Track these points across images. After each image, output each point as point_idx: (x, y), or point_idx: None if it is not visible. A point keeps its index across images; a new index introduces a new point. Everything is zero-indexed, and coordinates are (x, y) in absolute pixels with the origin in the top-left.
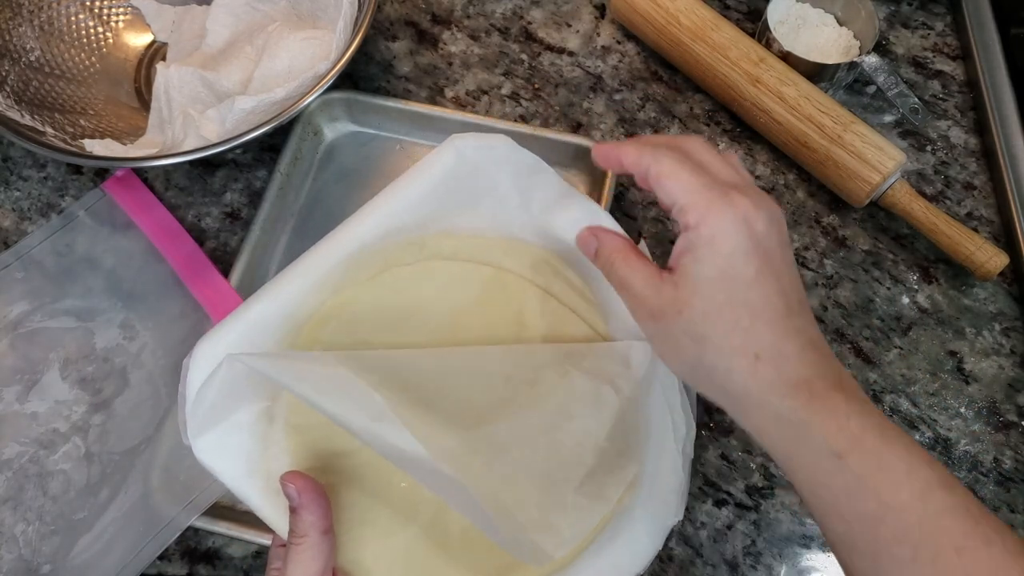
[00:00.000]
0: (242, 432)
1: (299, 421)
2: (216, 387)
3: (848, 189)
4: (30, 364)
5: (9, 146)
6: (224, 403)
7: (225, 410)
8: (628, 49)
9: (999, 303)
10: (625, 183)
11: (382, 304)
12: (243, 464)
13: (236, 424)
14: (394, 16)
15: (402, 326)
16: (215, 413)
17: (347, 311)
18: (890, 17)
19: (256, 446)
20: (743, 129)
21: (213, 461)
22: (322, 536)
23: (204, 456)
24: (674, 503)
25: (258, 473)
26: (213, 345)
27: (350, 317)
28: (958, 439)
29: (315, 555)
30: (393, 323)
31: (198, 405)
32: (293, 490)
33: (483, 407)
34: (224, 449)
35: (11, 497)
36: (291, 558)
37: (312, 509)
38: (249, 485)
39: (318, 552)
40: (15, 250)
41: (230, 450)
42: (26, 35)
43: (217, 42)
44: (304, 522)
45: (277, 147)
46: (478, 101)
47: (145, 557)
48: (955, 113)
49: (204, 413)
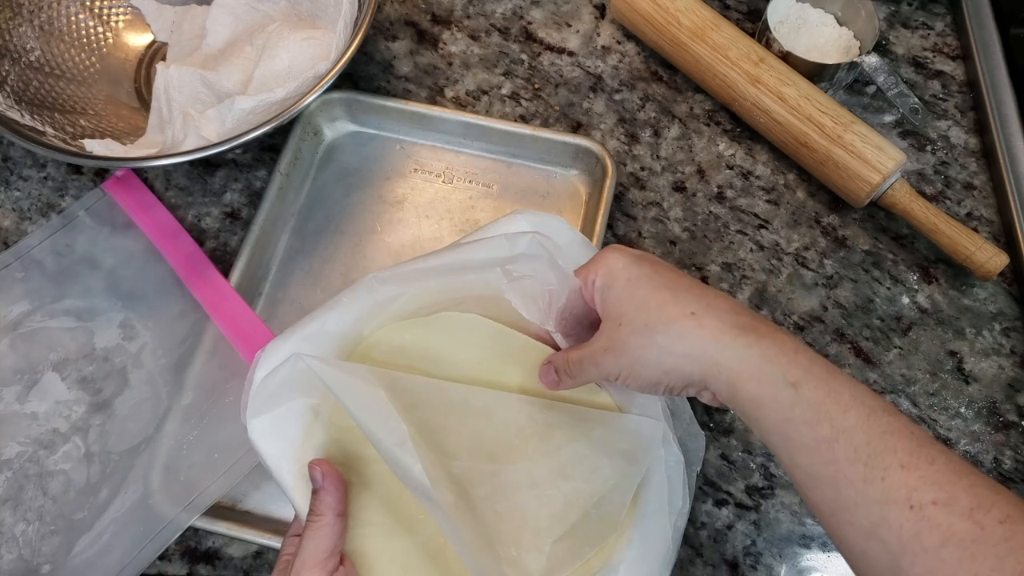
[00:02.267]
0: (290, 421)
1: (339, 422)
2: (278, 379)
3: (848, 189)
4: (30, 364)
5: (9, 146)
6: (281, 393)
7: (280, 399)
8: (628, 49)
9: (999, 303)
10: (625, 183)
11: (429, 340)
12: (285, 449)
13: (286, 413)
14: (394, 16)
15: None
16: (272, 401)
17: (398, 338)
18: (890, 17)
19: (299, 435)
20: (743, 129)
21: (261, 441)
22: (337, 517)
23: (255, 436)
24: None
25: (295, 459)
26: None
27: (399, 344)
28: (958, 439)
29: (328, 533)
30: (435, 358)
31: (260, 392)
32: (318, 473)
33: (494, 447)
34: (272, 433)
35: (11, 497)
36: (307, 534)
37: (331, 491)
38: (286, 468)
39: (332, 531)
40: (15, 250)
41: (277, 434)
42: (26, 35)
43: (217, 42)
44: (323, 502)
45: (277, 147)
46: (478, 101)
47: (145, 557)
48: (955, 113)
49: (263, 399)
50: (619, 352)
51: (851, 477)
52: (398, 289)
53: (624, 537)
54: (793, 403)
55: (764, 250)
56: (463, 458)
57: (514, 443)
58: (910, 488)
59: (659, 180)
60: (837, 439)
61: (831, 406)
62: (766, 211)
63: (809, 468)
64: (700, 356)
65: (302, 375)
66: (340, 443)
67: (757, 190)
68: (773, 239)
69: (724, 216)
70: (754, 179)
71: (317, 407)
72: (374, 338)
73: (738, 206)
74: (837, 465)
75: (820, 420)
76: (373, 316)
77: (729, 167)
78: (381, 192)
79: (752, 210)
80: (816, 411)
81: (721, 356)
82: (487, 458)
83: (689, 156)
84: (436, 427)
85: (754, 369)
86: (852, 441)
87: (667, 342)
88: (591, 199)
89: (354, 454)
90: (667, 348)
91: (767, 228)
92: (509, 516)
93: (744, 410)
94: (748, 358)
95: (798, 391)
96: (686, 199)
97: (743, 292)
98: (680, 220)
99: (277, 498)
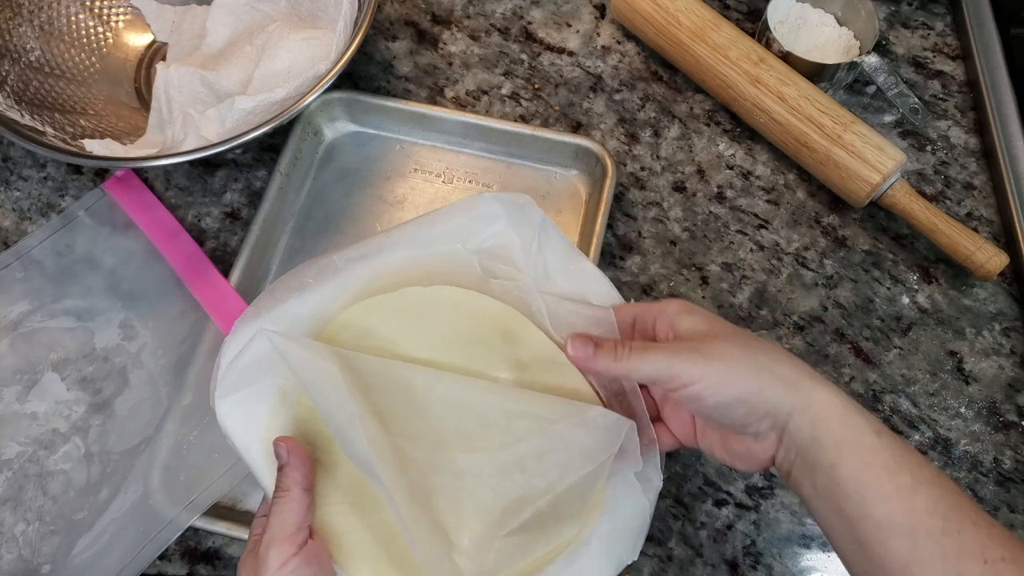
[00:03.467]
0: (259, 402)
1: (307, 402)
2: (245, 360)
3: (848, 189)
4: (30, 364)
5: (9, 146)
6: (248, 375)
7: (248, 381)
8: (628, 49)
9: (999, 303)
10: (625, 183)
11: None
12: (253, 429)
13: (255, 394)
14: (394, 16)
15: (406, 343)
16: (239, 382)
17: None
18: (890, 17)
19: (266, 415)
20: (743, 129)
21: (228, 422)
22: (303, 492)
23: (223, 417)
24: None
25: (262, 439)
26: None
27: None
28: (958, 439)
29: (295, 508)
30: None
31: (227, 374)
32: (283, 449)
33: (453, 434)
34: (240, 413)
35: (11, 497)
36: (274, 510)
37: (296, 466)
38: (254, 449)
39: (298, 505)
40: (15, 250)
41: (244, 415)
42: (26, 35)
43: (217, 42)
44: (289, 477)
45: (277, 147)
46: (478, 101)
47: (145, 557)
48: (955, 113)
49: (230, 381)
50: (708, 357)
51: (931, 529)
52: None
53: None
54: (877, 449)
55: (764, 250)
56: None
57: (474, 431)
58: (982, 544)
59: (659, 180)
60: (917, 489)
61: (911, 456)
62: (766, 211)
63: (886, 518)
64: (797, 384)
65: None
66: (308, 422)
67: (757, 190)
68: (773, 239)
69: (724, 216)
70: (754, 179)
71: (284, 387)
72: (340, 319)
73: (738, 206)
74: (916, 515)
75: (901, 469)
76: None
77: (729, 167)
78: (381, 192)
79: (752, 210)
80: (898, 460)
81: (815, 391)
82: (444, 445)
83: (689, 156)
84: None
85: (842, 411)
86: (931, 493)
87: (768, 362)
88: (591, 199)
89: (323, 433)
90: (767, 366)
91: (767, 228)
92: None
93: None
94: (836, 399)
95: (880, 438)
96: (686, 199)
97: (743, 292)
98: (680, 220)
99: None
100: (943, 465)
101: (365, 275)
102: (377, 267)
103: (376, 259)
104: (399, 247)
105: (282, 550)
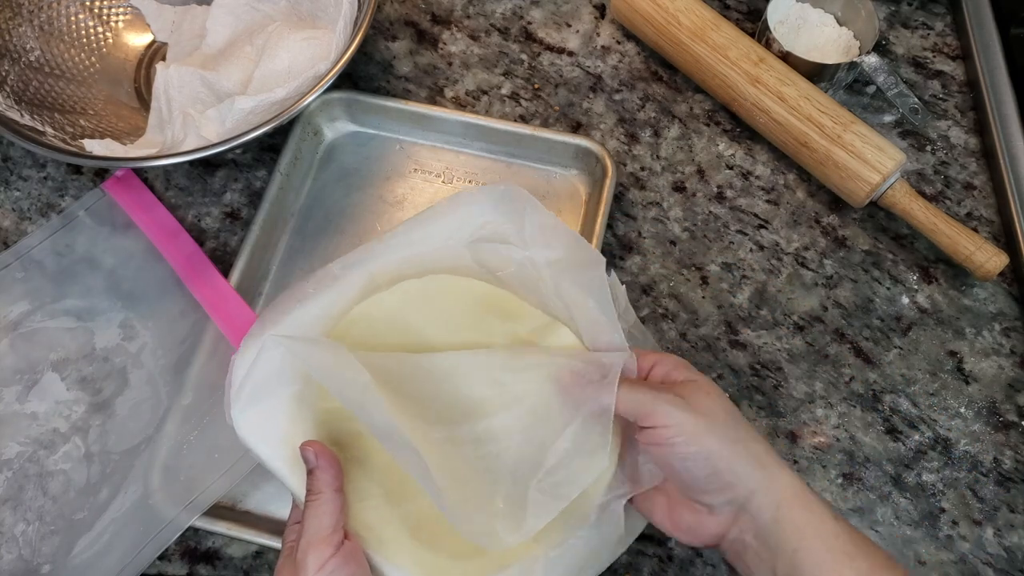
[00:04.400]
0: (277, 411)
1: (324, 405)
2: (258, 374)
3: (848, 189)
4: (30, 364)
5: (9, 146)
6: (263, 387)
7: (263, 393)
8: (628, 49)
9: (999, 303)
10: (625, 183)
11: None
12: (275, 439)
13: (272, 404)
14: (394, 16)
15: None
16: (255, 395)
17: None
18: (890, 17)
19: (286, 424)
20: (743, 129)
21: (250, 436)
22: (335, 493)
23: (243, 432)
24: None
25: (287, 448)
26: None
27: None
28: (958, 439)
29: (329, 509)
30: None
31: (241, 389)
32: (311, 453)
33: (469, 405)
34: (260, 426)
35: (11, 497)
36: (308, 514)
37: (326, 468)
38: (280, 458)
39: (332, 506)
40: (15, 250)
41: (264, 427)
42: (26, 35)
43: (217, 42)
44: (319, 480)
45: (277, 147)
46: (478, 101)
47: (145, 557)
48: (955, 113)
49: (246, 395)
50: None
51: None
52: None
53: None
54: (837, 534)
55: (764, 250)
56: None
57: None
58: None
59: (659, 180)
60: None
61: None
62: (766, 211)
63: None
64: (765, 464)
65: (280, 365)
66: (328, 424)
67: (757, 190)
68: (773, 239)
69: (724, 216)
70: (754, 179)
71: (300, 393)
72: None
73: (738, 206)
74: None
75: (859, 554)
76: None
77: (729, 167)
78: (381, 192)
79: (752, 210)
80: (856, 545)
81: (780, 474)
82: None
83: (689, 156)
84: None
85: (803, 496)
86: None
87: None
88: (591, 199)
89: (344, 432)
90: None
91: (767, 228)
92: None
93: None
94: (797, 483)
95: (838, 523)
96: (686, 199)
97: (743, 292)
98: (680, 220)
99: (277, 498)
100: (943, 465)
101: (363, 279)
102: (374, 270)
103: (372, 263)
104: (394, 249)
105: (320, 552)
